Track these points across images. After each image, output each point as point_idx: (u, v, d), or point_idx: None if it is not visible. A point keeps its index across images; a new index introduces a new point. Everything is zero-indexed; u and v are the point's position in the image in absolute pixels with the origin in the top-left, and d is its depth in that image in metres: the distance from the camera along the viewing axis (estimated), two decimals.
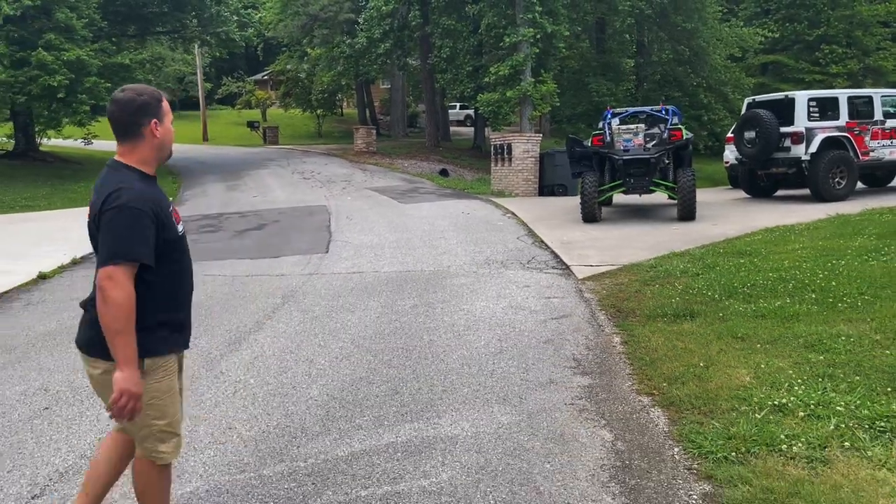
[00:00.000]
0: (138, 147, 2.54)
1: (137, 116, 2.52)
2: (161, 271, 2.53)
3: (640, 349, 5.28)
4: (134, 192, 2.45)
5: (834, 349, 4.77)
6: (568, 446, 3.75)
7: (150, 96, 2.56)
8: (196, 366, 5.34)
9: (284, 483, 3.47)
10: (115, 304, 2.36)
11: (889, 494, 3.03)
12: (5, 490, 3.52)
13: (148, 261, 2.44)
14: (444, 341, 5.72)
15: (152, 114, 2.54)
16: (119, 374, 2.38)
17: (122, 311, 2.37)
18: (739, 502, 3.07)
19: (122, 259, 2.38)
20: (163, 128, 2.58)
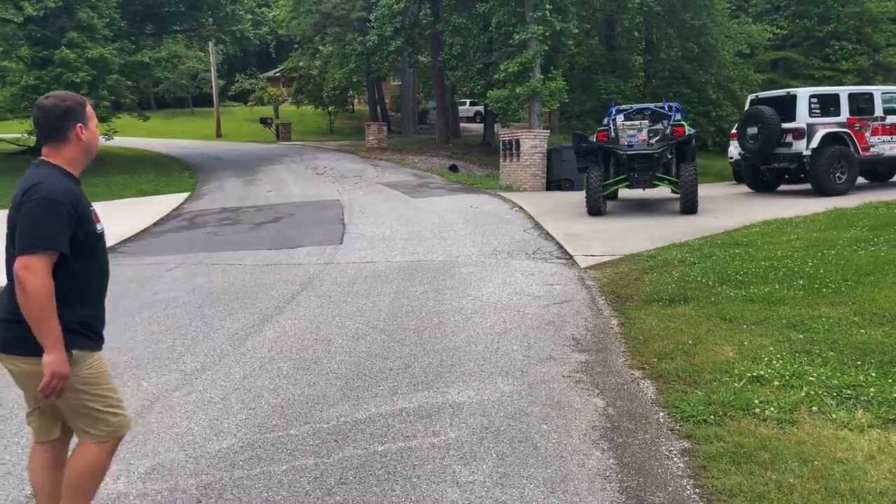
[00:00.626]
0: (63, 149, 2.64)
1: (62, 121, 2.61)
2: (77, 266, 2.60)
3: (634, 330, 5.68)
4: (54, 185, 2.56)
5: (814, 329, 5.15)
6: (563, 411, 4.16)
7: (74, 102, 2.66)
8: (223, 344, 5.79)
9: (310, 440, 3.90)
10: (33, 293, 2.45)
11: (846, 449, 3.42)
12: None
13: (64, 249, 2.53)
14: (453, 323, 6.13)
15: (77, 118, 2.64)
16: (47, 357, 2.49)
17: (41, 299, 2.46)
18: (713, 455, 3.47)
19: (39, 248, 2.48)
20: (88, 131, 2.67)
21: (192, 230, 12.59)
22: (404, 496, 3.25)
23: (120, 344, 5.94)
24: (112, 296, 7.57)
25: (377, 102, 42.46)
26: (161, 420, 4.28)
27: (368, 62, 30.95)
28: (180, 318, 6.69)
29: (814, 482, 3.11)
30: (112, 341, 5.92)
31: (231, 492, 3.37)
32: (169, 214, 14.59)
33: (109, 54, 18.66)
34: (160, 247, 11.05)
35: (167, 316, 6.82)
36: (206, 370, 5.18)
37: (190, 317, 6.74)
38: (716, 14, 29.05)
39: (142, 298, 7.65)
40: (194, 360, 5.44)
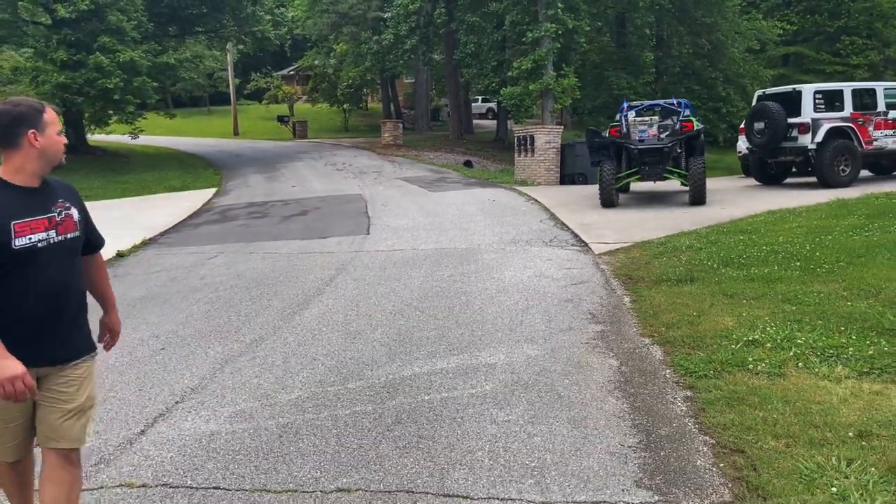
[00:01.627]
0: (12, 156, 2.57)
1: (13, 127, 2.55)
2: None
3: (645, 305, 6.30)
4: None
5: (806, 302, 5.76)
6: (583, 369, 4.80)
7: (29, 107, 2.59)
8: (275, 320, 6.46)
9: (365, 392, 4.55)
10: None
11: (825, 394, 4.04)
12: (154, 398, 4.64)
13: None
14: (480, 301, 6.77)
15: (29, 124, 2.57)
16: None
17: None
18: (711, 400, 4.10)
19: None
20: (44, 138, 2.59)
21: (225, 223, 13.30)
22: (451, 431, 3.90)
23: (182, 320, 6.64)
24: (164, 281, 8.30)
25: (391, 100, 43.15)
26: (234, 378, 4.95)
27: (383, 60, 31.62)
28: (231, 299, 7.37)
29: (794, 417, 3.74)
30: (174, 317, 6.65)
31: (305, 430, 4.02)
32: (201, 209, 15.31)
33: (139, 57, 19.43)
34: (198, 238, 11.75)
35: (218, 297, 7.50)
36: (264, 340, 5.84)
37: (240, 297, 7.41)
38: (726, 11, 29.51)
39: (191, 282, 8.33)
40: (251, 332, 6.11)
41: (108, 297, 3.07)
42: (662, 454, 3.54)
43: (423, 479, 3.38)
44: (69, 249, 2.67)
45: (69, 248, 2.67)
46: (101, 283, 3.04)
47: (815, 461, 3.27)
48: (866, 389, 4.08)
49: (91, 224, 2.88)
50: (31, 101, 2.67)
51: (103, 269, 3.07)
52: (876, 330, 4.95)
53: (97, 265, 3.02)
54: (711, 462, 3.43)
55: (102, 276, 3.05)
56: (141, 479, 3.52)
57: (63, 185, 2.78)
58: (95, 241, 2.95)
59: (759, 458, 3.36)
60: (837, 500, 2.94)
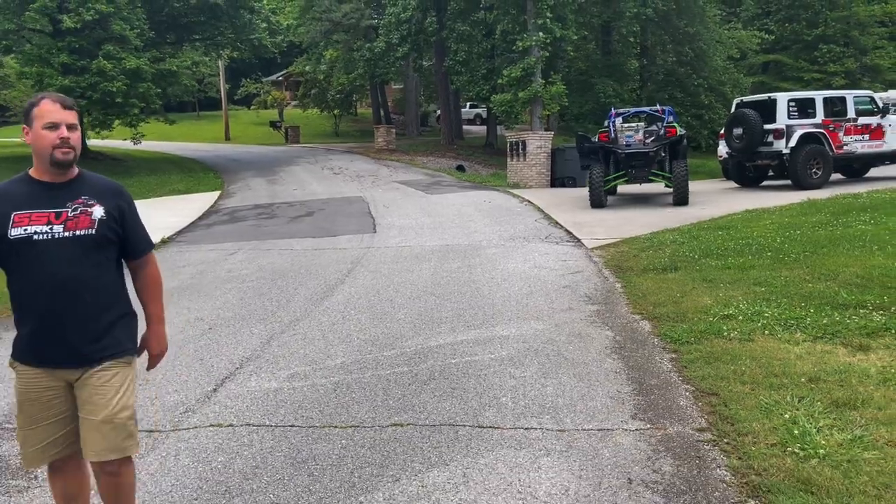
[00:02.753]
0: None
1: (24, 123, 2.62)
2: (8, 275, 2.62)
3: (634, 289, 7.14)
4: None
5: (773, 285, 6.62)
6: (583, 338, 5.62)
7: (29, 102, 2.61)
8: (305, 304, 7.23)
9: (399, 358, 5.34)
10: None
11: (784, 353, 4.88)
12: (216, 366, 5.40)
13: None
14: (488, 288, 7.58)
15: (25, 119, 2.60)
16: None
17: None
18: (691, 360, 4.93)
19: None
20: (32, 133, 2.58)
21: (236, 223, 14.02)
22: (478, 384, 4.70)
23: (220, 305, 7.40)
24: (192, 273, 9.09)
25: (380, 106, 43.93)
26: (281, 350, 5.72)
27: (374, 67, 32.40)
28: (260, 288, 8.13)
29: (759, 369, 4.58)
30: (212, 304, 7.39)
31: (355, 385, 4.81)
32: (209, 210, 16.01)
33: (145, 65, 20.13)
34: (213, 236, 12.48)
35: (248, 287, 8.25)
36: (300, 321, 6.62)
37: (267, 287, 8.17)
38: (708, 20, 30.61)
39: (219, 274, 9.08)
40: (286, 314, 6.88)
41: (148, 311, 2.86)
42: (652, 398, 4.37)
43: (460, 417, 4.18)
44: (82, 246, 2.56)
45: (81, 245, 2.56)
46: (142, 293, 2.85)
47: (773, 398, 4.10)
48: (819, 349, 4.93)
49: (131, 227, 2.73)
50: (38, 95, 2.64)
51: (146, 280, 2.84)
52: (831, 305, 5.82)
53: (140, 273, 2.83)
54: (691, 402, 4.25)
55: (144, 286, 2.84)
56: (227, 421, 4.29)
57: (101, 184, 2.70)
58: (133, 246, 2.77)
59: (730, 398, 4.19)
60: (790, 423, 3.77)
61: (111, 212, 2.63)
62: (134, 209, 2.79)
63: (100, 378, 2.61)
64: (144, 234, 2.84)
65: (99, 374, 2.61)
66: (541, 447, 3.74)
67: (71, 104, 2.62)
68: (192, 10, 25.15)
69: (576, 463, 3.55)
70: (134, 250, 2.79)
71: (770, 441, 3.61)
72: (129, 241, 2.74)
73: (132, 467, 2.80)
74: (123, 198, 2.74)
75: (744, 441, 3.66)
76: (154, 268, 2.88)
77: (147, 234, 2.86)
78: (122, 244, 2.72)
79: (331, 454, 3.77)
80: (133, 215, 2.77)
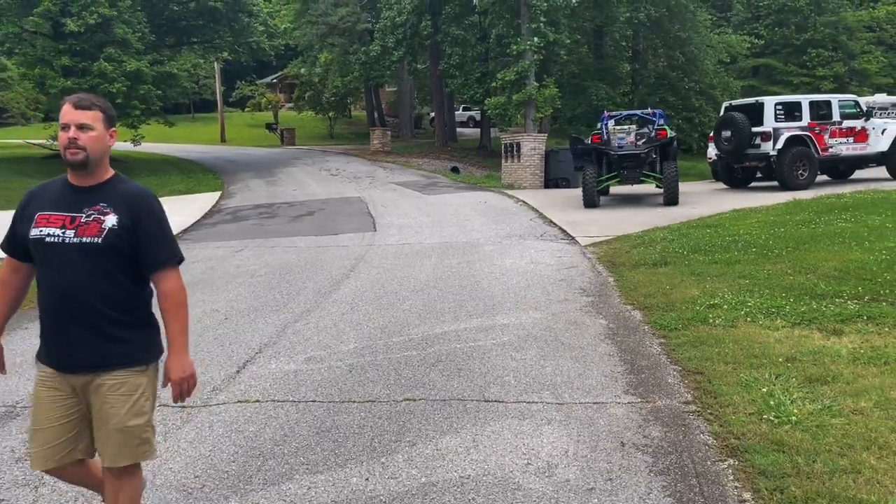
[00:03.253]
0: None
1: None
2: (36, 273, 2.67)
3: (626, 282, 7.55)
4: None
5: (757, 277, 7.05)
6: (579, 326, 6.02)
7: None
8: (314, 297, 7.60)
9: (407, 344, 5.72)
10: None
11: (764, 337, 5.29)
12: (237, 351, 5.77)
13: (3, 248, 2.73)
14: (488, 282, 7.97)
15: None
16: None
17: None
18: (679, 344, 5.33)
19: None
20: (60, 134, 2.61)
21: (239, 222, 14.37)
22: (482, 365, 5.09)
23: (232, 298, 7.76)
24: (203, 269, 9.47)
25: (374, 108, 44.31)
26: (296, 337, 6.10)
27: (370, 70, 32.77)
28: (270, 282, 8.49)
29: (739, 350, 4.99)
30: (225, 297, 7.74)
31: (368, 367, 5.19)
32: (211, 210, 16.36)
33: (145, 67, 20.46)
34: (218, 235, 12.83)
35: (257, 281, 8.62)
36: (311, 311, 6.99)
37: (276, 281, 8.54)
38: (698, 25, 31.15)
39: (229, 270, 9.44)
40: (297, 305, 7.25)
41: (168, 334, 2.68)
42: (643, 376, 4.77)
43: (467, 393, 4.57)
44: (88, 254, 2.51)
45: (88, 253, 2.51)
46: (162, 313, 2.68)
47: (752, 376, 4.51)
48: (796, 334, 5.34)
49: (144, 237, 2.57)
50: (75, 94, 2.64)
51: (164, 298, 2.65)
52: (809, 295, 6.24)
53: (158, 290, 2.67)
54: (678, 380, 4.66)
55: (162, 307, 2.67)
56: (253, 398, 4.67)
57: (125, 192, 2.61)
58: (145, 257, 2.60)
59: (713, 376, 4.59)
60: (766, 396, 4.17)
61: (124, 221, 2.53)
62: (154, 218, 2.62)
63: (110, 387, 2.58)
64: (164, 247, 2.63)
65: (108, 382, 2.58)
66: (542, 417, 4.13)
67: (86, 104, 2.55)
68: (192, 14, 25.49)
69: (574, 430, 3.94)
70: (146, 263, 2.60)
71: (748, 411, 4.01)
72: (140, 251, 2.57)
73: (140, 474, 2.77)
74: (142, 206, 2.59)
75: (725, 411, 4.06)
76: (173, 284, 2.65)
77: (171, 247, 2.66)
78: (135, 255, 2.58)
79: (352, 424, 4.16)
80: (151, 224, 2.59)
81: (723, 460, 3.53)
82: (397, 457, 3.71)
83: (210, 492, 3.44)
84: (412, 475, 3.51)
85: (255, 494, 3.39)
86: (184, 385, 2.68)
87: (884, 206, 10.52)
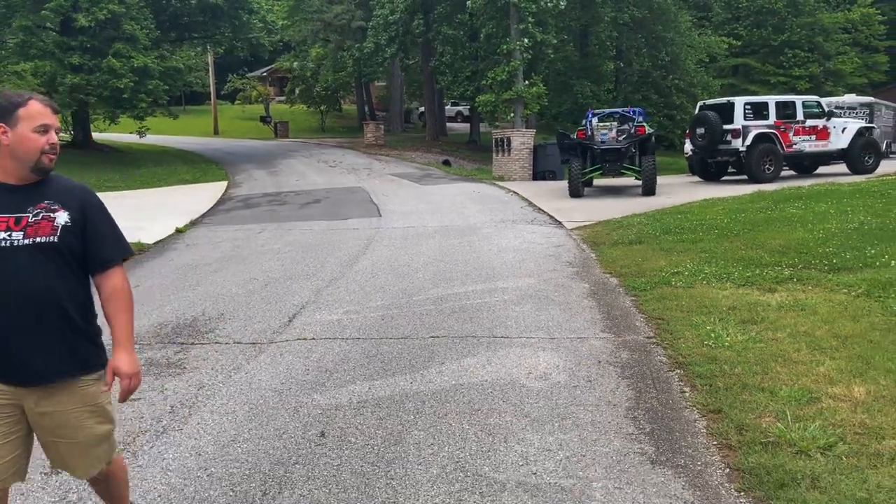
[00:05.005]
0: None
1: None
2: None
3: (606, 257, 8.85)
4: None
5: (715, 252, 8.36)
6: (566, 288, 7.30)
7: (7, 100, 2.43)
8: (337, 268, 8.82)
9: (427, 301, 6.97)
10: None
11: (714, 294, 6.59)
12: (284, 307, 6.99)
13: None
14: (487, 257, 9.23)
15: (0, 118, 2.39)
16: None
17: None
18: (646, 300, 6.63)
19: None
20: (13, 134, 2.38)
21: (252, 209, 15.53)
22: (489, 315, 6.35)
23: (265, 269, 8.96)
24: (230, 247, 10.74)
25: (365, 102, 45.42)
26: (331, 297, 7.32)
27: (363, 67, 33.88)
28: (294, 258, 9.69)
29: (693, 303, 6.28)
30: (258, 268, 8.93)
31: (397, 316, 6.43)
32: (222, 197, 17.48)
33: (153, 63, 21.51)
34: (235, 219, 13.98)
35: (284, 256, 9.81)
36: (338, 279, 8.21)
37: (301, 257, 9.74)
38: (680, 25, 32.56)
39: (254, 248, 10.63)
40: (325, 275, 8.47)
41: (113, 332, 2.54)
42: (616, 321, 6.06)
43: (479, 332, 5.83)
44: (44, 255, 2.38)
45: (44, 253, 2.38)
46: (106, 310, 2.54)
47: (701, 319, 5.80)
48: (740, 292, 6.66)
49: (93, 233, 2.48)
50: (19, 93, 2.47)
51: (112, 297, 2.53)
52: (755, 264, 7.56)
53: (104, 288, 2.53)
54: (644, 323, 5.95)
55: (109, 304, 2.54)
56: (309, 336, 5.90)
57: (67, 188, 2.51)
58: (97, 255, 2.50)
59: (671, 320, 5.89)
60: (709, 331, 5.45)
61: (75, 216, 2.43)
62: (104, 213, 2.55)
63: (81, 397, 2.48)
64: (115, 243, 2.55)
65: (75, 391, 2.46)
66: (539, 347, 5.40)
67: (58, 109, 2.52)
68: (194, 11, 26.50)
69: (563, 354, 5.22)
70: (96, 259, 2.50)
71: (694, 341, 5.30)
72: (90, 248, 2.47)
73: (120, 462, 2.78)
74: (91, 200, 2.52)
75: (677, 342, 5.35)
76: (122, 279, 2.56)
77: (122, 242, 2.58)
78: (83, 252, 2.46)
79: (392, 352, 5.40)
80: (101, 220, 2.52)
81: (672, 370, 4.82)
82: (431, 370, 4.97)
83: (297, 392, 4.67)
84: (444, 381, 4.77)
85: (330, 392, 4.63)
86: (133, 381, 2.53)
87: (832, 196, 11.92)
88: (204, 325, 6.36)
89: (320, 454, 3.73)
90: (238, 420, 4.22)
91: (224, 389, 4.74)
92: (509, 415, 4.15)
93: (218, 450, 3.83)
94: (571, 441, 3.78)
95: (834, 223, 9.36)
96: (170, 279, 8.56)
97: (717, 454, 3.58)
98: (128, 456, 3.76)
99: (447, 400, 4.42)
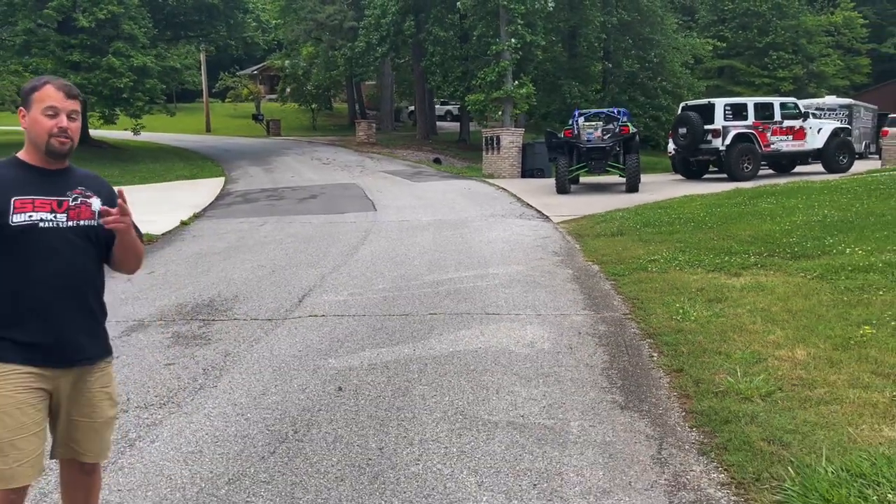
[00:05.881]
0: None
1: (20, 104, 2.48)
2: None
3: (589, 247, 9.52)
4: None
5: (690, 242, 9.05)
6: (552, 275, 7.96)
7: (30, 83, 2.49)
8: (339, 257, 9.44)
9: (424, 285, 7.61)
10: None
11: (686, 278, 7.26)
12: (293, 290, 7.60)
13: None
14: (478, 248, 9.88)
15: (22, 101, 2.47)
16: None
17: None
18: (624, 283, 7.29)
19: None
20: (28, 116, 2.43)
21: (251, 203, 16.10)
22: (481, 297, 7.00)
23: (271, 258, 9.56)
24: (235, 238, 11.36)
25: (355, 101, 45.99)
26: (336, 281, 7.94)
27: (354, 66, 34.43)
28: (297, 248, 10.30)
29: (666, 286, 6.96)
30: (264, 257, 9.54)
31: (398, 297, 7.06)
32: (221, 193, 18.03)
33: (151, 62, 22.02)
34: (236, 213, 14.56)
35: (287, 247, 10.42)
36: (340, 267, 8.83)
37: (303, 247, 10.35)
38: (666, 28, 33.35)
39: (258, 239, 11.22)
40: (328, 262, 9.08)
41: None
42: (596, 301, 6.72)
43: (473, 310, 6.47)
44: (86, 238, 2.47)
45: (86, 237, 2.47)
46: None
47: (671, 299, 6.47)
48: (710, 277, 7.33)
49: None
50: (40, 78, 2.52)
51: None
52: (724, 253, 8.24)
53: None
54: (621, 302, 6.62)
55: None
56: (320, 313, 6.52)
57: (90, 176, 2.60)
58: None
59: (644, 300, 6.56)
60: (678, 308, 6.12)
61: (105, 204, 2.51)
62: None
63: (101, 379, 2.56)
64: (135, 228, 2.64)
65: (98, 374, 2.55)
66: (526, 321, 6.06)
67: (76, 93, 2.51)
68: (190, 10, 26.99)
69: (548, 327, 5.87)
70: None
71: (664, 317, 5.97)
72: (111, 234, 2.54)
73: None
74: (111, 189, 2.61)
75: (649, 318, 6.01)
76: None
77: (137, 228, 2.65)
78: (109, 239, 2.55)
79: (395, 326, 6.04)
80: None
81: (643, 340, 5.48)
82: (431, 340, 5.61)
83: (314, 357, 5.30)
84: (443, 348, 5.41)
85: (343, 357, 5.26)
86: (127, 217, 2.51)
87: (803, 193, 12.66)
88: (221, 305, 6.97)
89: (339, 403, 4.36)
90: (265, 379, 4.84)
91: (248, 356, 5.36)
92: (500, 374, 4.80)
93: (251, 401, 4.45)
94: (553, 393, 4.43)
95: (800, 216, 10.07)
96: (182, 266, 9.15)
97: (676, 402, 4.24)
98: (172, 407, 4.38)
99: (446, 363, 5.06)
